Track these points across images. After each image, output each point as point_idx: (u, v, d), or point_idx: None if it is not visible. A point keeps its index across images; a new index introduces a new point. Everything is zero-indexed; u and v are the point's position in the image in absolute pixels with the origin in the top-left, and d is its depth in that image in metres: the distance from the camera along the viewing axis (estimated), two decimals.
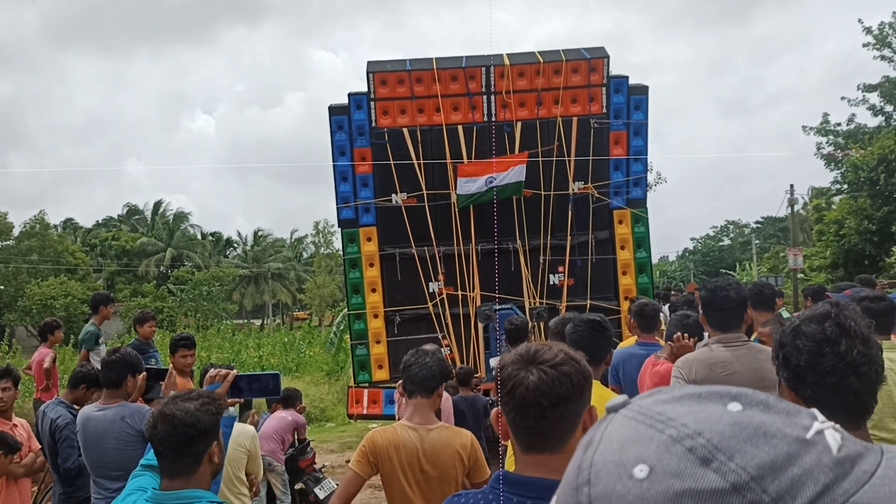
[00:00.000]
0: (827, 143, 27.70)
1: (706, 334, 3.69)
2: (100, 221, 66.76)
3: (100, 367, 4.77)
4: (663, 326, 6.15)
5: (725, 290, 3.43)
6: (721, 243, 71.58)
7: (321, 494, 7.13)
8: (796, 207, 31.43)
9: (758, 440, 0.52)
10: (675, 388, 0.59)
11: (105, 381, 4.53)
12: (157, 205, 64.74)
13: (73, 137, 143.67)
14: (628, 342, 5.78)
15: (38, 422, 5.47)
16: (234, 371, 2.64)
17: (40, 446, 5.23)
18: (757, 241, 55.69)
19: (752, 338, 4.08)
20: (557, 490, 0.59)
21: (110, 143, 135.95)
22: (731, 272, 47.55)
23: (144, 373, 3.57)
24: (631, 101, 9.93)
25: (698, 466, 0.51)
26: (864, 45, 26.61)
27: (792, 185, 30.72)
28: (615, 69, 9.99)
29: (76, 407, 5.19)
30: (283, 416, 7.20)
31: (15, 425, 5.34)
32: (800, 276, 26.54)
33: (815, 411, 0.55)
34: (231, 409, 2.53)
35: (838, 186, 27.94)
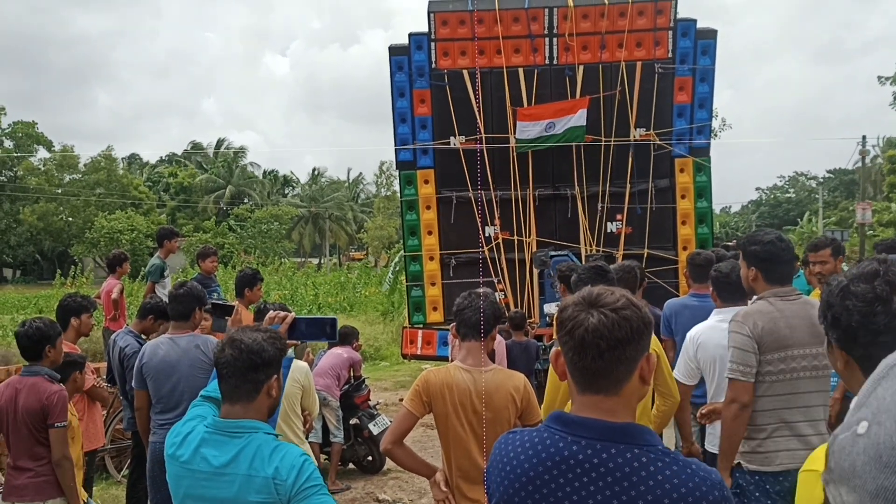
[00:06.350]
0: None
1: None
2: (164, 158, 68.11)
3: (167, 300, 4.94)
4: None
5: (784, 242, 3.39)
6: (787, 195, 69.54)
7: (375, 430, 7.32)
8: (867, 160, 30.24)
9: None
10: None
11: (174, 314, 4.70)
12: (220, 142, 65.66)
13: (155, 73, 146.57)
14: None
15: (109, 350, 5.71)
16: (292, 314, 2.70)
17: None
18: (823, 194, 53.99)
19: None
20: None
21: (190, 79, 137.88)
22: (792, 227, 46.31)
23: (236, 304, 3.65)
24: (698, 45, 9.60)
25: None
26: None
27: (864, 137, 29.53)
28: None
29: (144, 336, 5.41)
30: (338, 352, 7.36)
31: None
32: (868, 231, 25.70)
33: None
34: (289, 350, 2.60)
35: None
